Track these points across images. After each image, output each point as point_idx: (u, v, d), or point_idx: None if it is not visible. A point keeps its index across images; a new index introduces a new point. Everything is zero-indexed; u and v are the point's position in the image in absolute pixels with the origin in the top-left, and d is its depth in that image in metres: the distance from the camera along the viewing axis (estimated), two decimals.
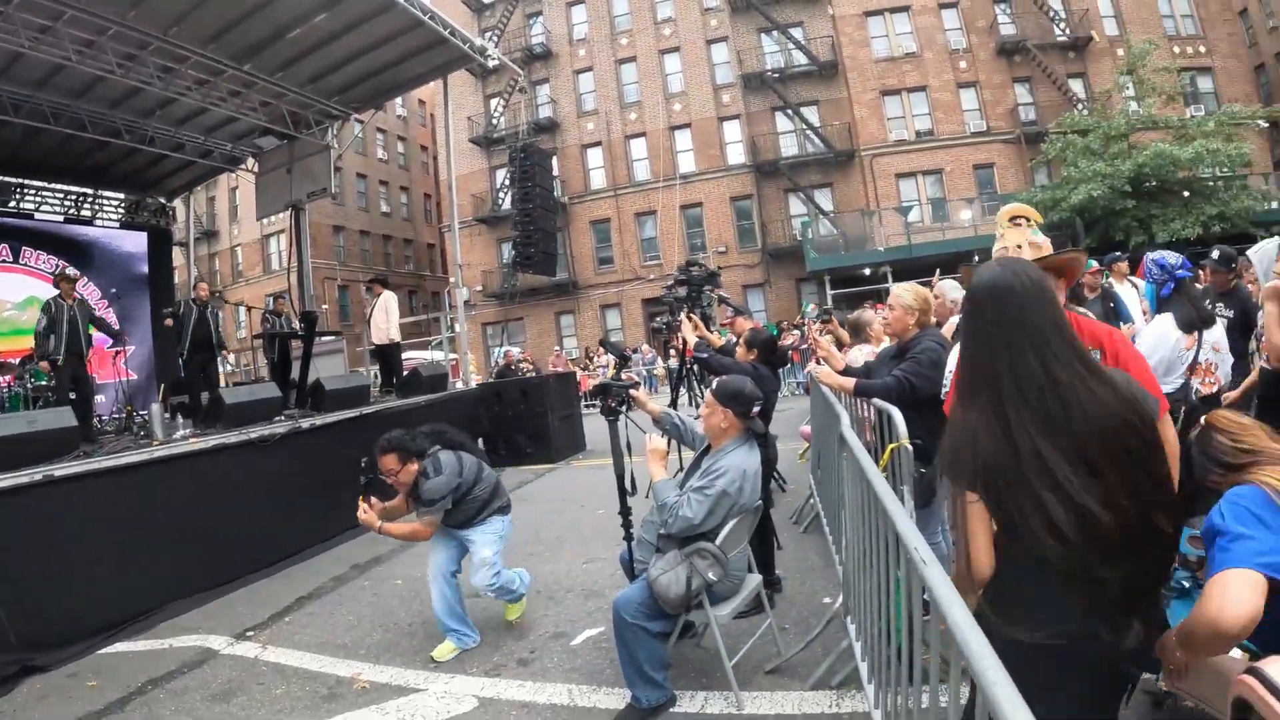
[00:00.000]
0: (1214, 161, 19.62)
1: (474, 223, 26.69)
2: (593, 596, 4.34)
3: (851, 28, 23.83)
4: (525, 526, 6.02)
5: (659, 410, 3.66)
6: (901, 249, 21.16)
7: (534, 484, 8.26)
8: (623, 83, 25.78)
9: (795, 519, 5.47)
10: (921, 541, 1.59)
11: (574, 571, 4.88)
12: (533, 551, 5.39)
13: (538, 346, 25.57)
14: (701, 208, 24.55)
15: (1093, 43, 23.38)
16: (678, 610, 2.85)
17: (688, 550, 2.87)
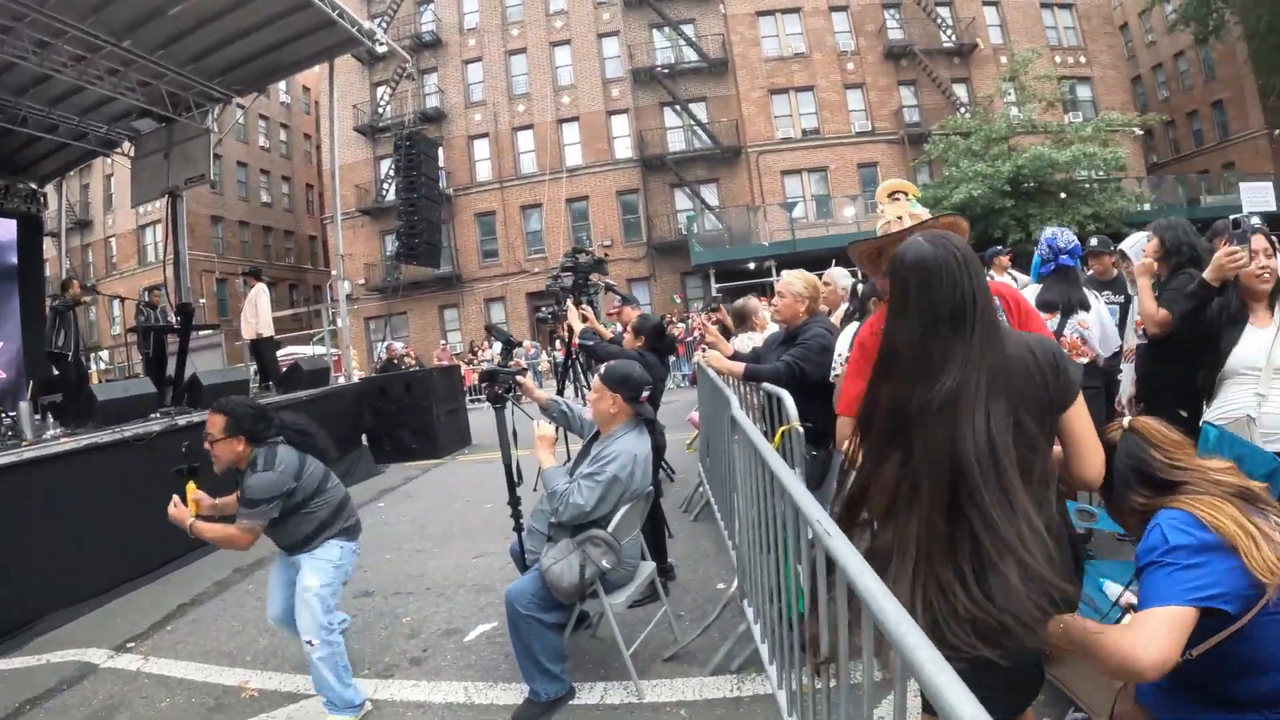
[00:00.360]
0: (1090, 165, 20.06)
1: (357, 214, 25.42)
2: (484, 591, 4.25)
3: (743, 26, 23.63)
4: (411, 523, 6.09)
5: (546, 397, 3.55)
6: (785, 244, 20.87)
7: (419, 480, 8.10)
8: (512, 74, 25.00)
9: (685, 507, 5.46)
10: (823, 514, 1.55)
11: (464, 566, 4.78)
12: (420, 548, 5.31)
13: (421, 341, 24.36)
14: (588, 201, 23.87)
15: (977, 50, 23.69)
16: (572, 599, 2.79)
17: (580, 538, 2.82)
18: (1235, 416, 2.63)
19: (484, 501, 6.28)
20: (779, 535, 2.11)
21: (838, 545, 1.37)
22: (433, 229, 12.26)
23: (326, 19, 8.85)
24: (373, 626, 3.89)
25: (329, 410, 8.13)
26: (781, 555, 2.12)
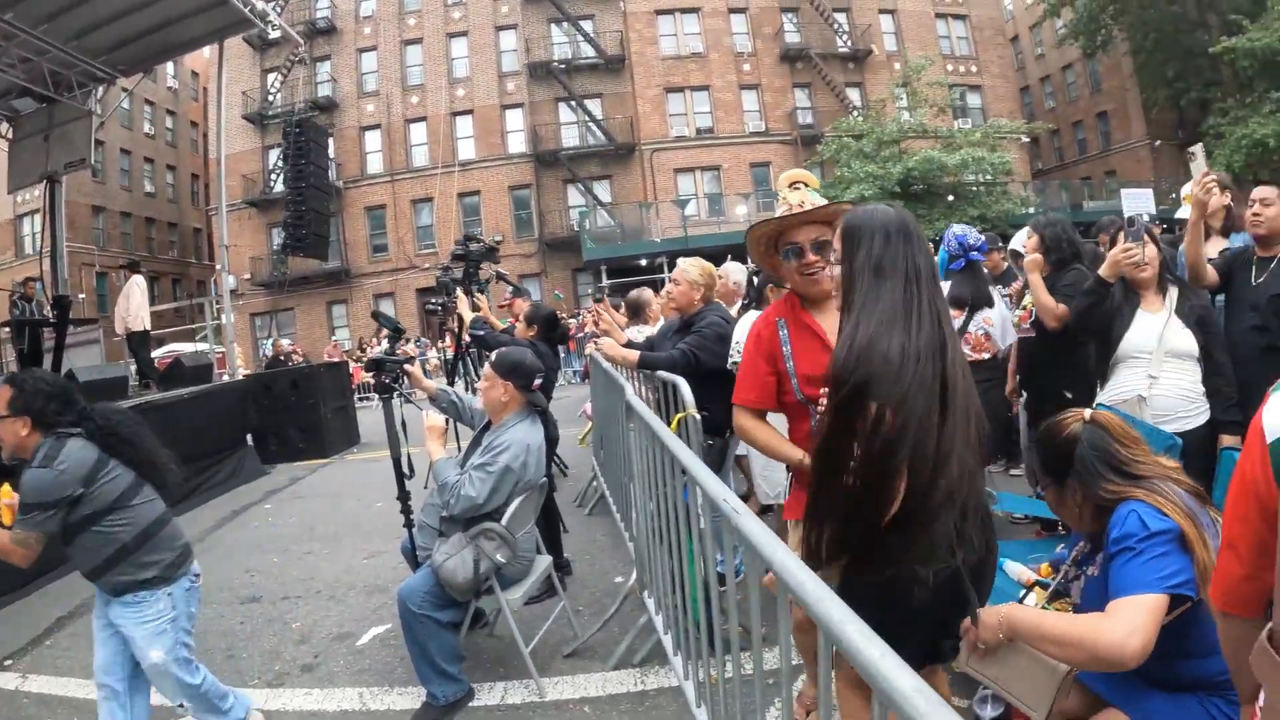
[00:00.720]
0: (978, 168, 20.52)
1: (244, 205, 24.32)
2: (376, 592, 4.14)
3: (642, 24, 23.45)
4: (299, 524, 5.93)
5: (434, 387, 3.42)
6: (678, 240, 20.66)
7: (307, 479, 7.91)
8: (407, 64, 24.31)
9: (579, 502, 5.42)
10: (729, 493, 1.50)
11: (355, 567, 4.65)
12: (309, 550, 5.16)
13: (308, 338, 23.41)
14: (479, 196, 23.33)
15: (872, 55, 24.03)
16: (467, 596, 2.71)
17: (473, 532, 2.73)
18: (1127, 398, 2.73)
19: (374, 500, 6.13)
20: (678, 523, 2.08)
21: (748, 524, 1.32)
22: (321, 220, 11.92)
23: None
24: (261, 633, 3.74)
25: (212, 408, 7.87)
26: (685, 543, 2.09)
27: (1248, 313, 2.97)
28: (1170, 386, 2.68)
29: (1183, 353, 2.69)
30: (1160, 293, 2.78)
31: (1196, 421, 2.65)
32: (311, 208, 11.40)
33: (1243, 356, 2.90)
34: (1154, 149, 26.88)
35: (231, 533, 5.98)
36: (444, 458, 2.88)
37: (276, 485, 7.73)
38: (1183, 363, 2.69)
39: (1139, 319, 2.77)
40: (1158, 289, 2.78)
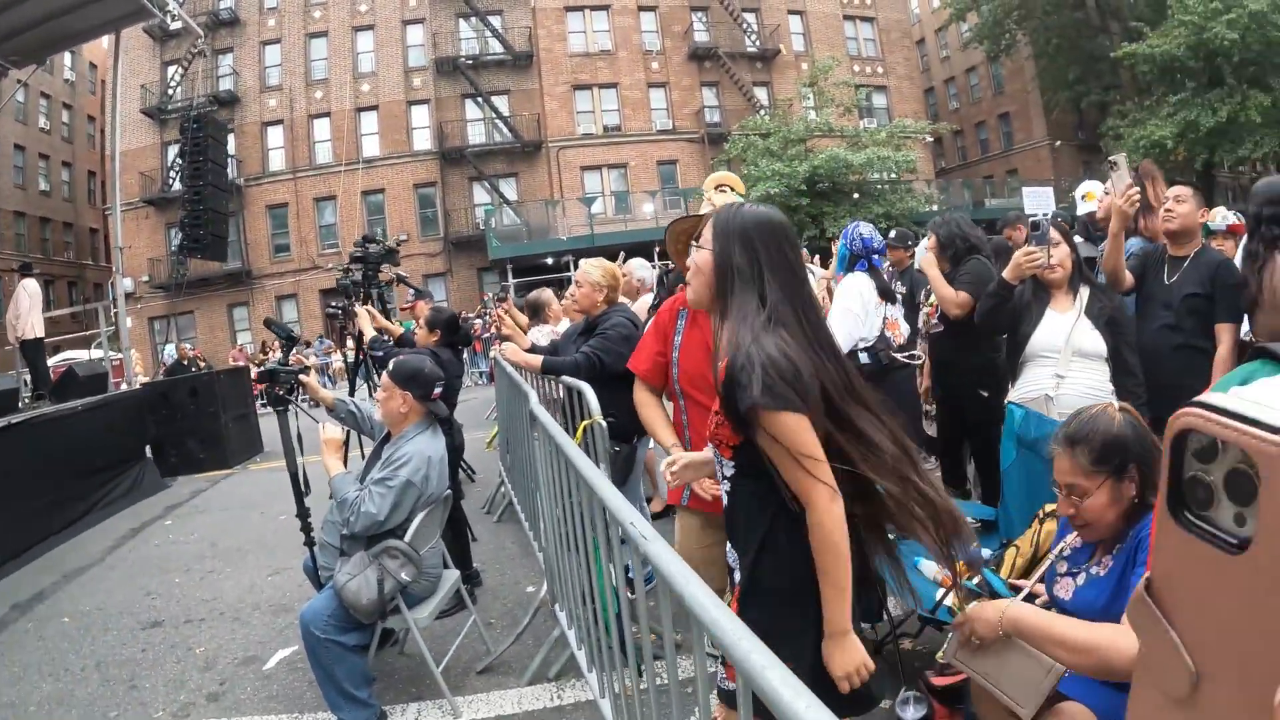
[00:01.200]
0: (883, 167, 20.89)
1: (142, 204, 23.40)
2: (282, 612, 4.00)
3: (551, 21, 23.32)
4: (201, 540, 5.76)
5: (332, 398, 3.30)
6: (584, 238, 20.64)
7: (209, 492, 7.64)
8: (311, 58, 23.70)
9: (487, 508, 5.33)
10: (636, 515, 1.42)
11: (259, 586, 4.52)
12: (212, 568, 4.99)
13: (210, 342, 22.66)
14: (384, 194, 22.90)
15: (780, 55, 24.34)
16: (372, 618, 2.59)
17: (375, 550, 2.63)
18: (1034, 396, 2.75)
19: (278, 512, 5.85)
20: (587, 534, 2.03)
21: (657, 550, 1.25)
22: (219, 220, 11.51)
23: None
24: (164, 660, 3.59)
25: (108, 420, 7.49)
26: (592, 555, 2.06)
27: (1160, 312, 3.01)
28: (1077, 385, 2.69)
29: (1091, 353, 2.70)
30: (1071, 292, 2.78)
31: None
32: (210, 207, 11.07)
33: (1157, 355, 2.94)
34: (1054, 149, 27.89)
35: (132, 551, 5.78)
36: (342, 473, 2.78)
37: (177, 499, 7.49)
38: (1091, 363, 2.71)
39: (1048, 318, 2.78)
40: (1069, 288, 2.78)
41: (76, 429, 7.01)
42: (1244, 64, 21.62)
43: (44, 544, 6.02)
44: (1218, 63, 21.98)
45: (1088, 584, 1.64)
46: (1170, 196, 3.03)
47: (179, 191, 18.03)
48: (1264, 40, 20.81)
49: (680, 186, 22.71)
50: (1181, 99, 22.66)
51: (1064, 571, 1.74)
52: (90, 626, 4.22)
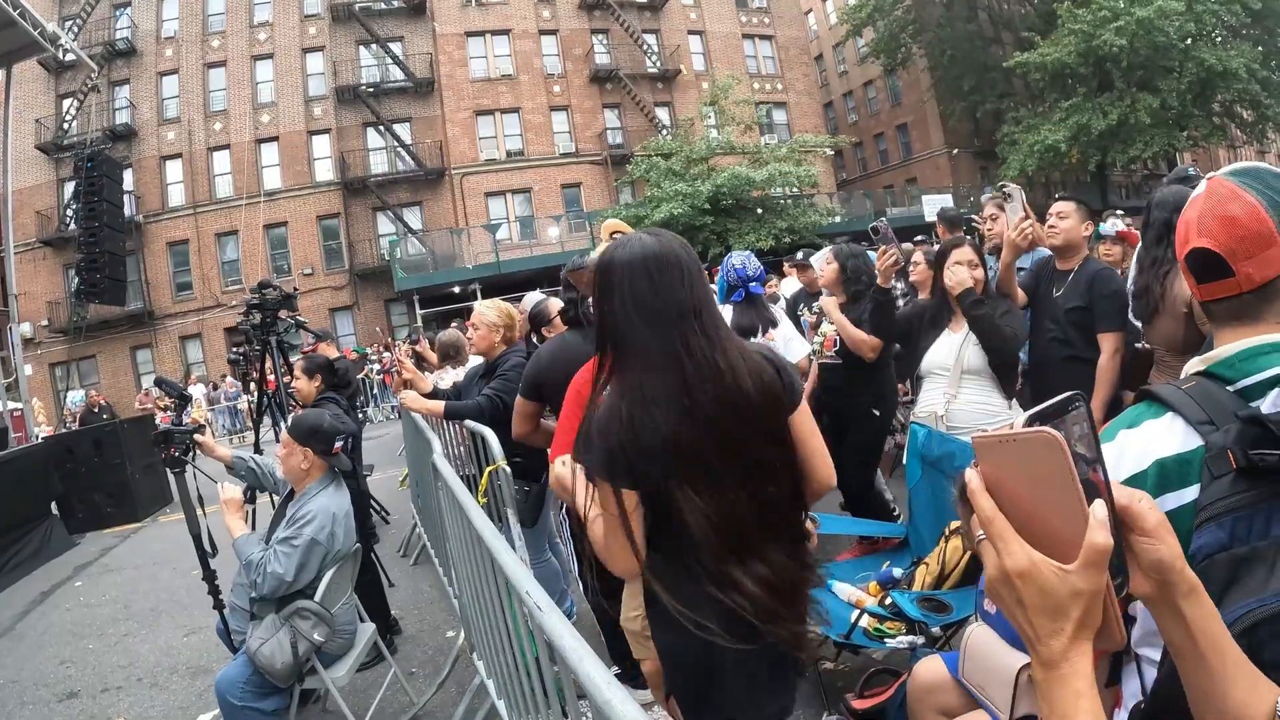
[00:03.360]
0: (785, 182, 21.50)
1: (38, 245, 22.65)
2: (201, 674, 3.91)
3: (452, 46, 23.41)
4: (114, 601, 5.63)
5: (230, 455, 3.31)
6: (490, 266, 20.84)
7: (119, 548, 7.43)
8: (210, 89, 23.31)
9: (403, 551, 5.25)
10: (534, 585, 1.39)
11: (175, 647, 4.43)
12: (126, 631, 4.87)
13: (114, 387, 22.07)
14: (287, 227, 22.65)
15: (680, 75, 24.87)
16: (288, 681, 2.53)
17: (286, 612, 2.58)
18: (926, 414, 2.85)
19: (190, 567, 5.61)
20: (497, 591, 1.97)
21: (552, 623, 1.22)
22: (116, 263, 11.14)
23: (5, 18, 8.01)
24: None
25: (10, 477, 7.27)
26: (505, 600, 1.97)
27: (1049, 325, 3.09)
28: (968, 402, 2.78)
29: (980, 370, 2.77)
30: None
31: None
32: (106, 250, 10.74)
33: (1046, 367, 3.10)
34: (952, 157, 29.09)
35: (42, 617, 5.65)
36: (245, 534, 2.70)
37: (87, 557, 7.32)
38: (980, 379, 2.78)
39: (942, 337, 2.87)
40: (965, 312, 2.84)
41: None
42: (1132, 68, 22.87)
43: None
44: (1107, 68, 23.25)
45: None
46: (1053, 213, 3.08)
47: (76, 231, 17.68)
48: (1151, 45, 21.99)
49: (585, 209, 23.07)
50: (1073, 104, 23.89)
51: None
52: (5, 701, 4.17)
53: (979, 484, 0.63)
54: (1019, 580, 0.60)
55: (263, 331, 5.46)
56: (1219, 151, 38.13)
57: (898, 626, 2.34)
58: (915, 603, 2.41)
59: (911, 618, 2.36)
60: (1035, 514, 0.61)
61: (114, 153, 22.41)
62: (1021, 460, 0.61)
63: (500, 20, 23.78)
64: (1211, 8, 22.30)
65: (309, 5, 23.66)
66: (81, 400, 18.97)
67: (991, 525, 0.62)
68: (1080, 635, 0.60)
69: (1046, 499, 0.60)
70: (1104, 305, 2.91)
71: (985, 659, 1.53)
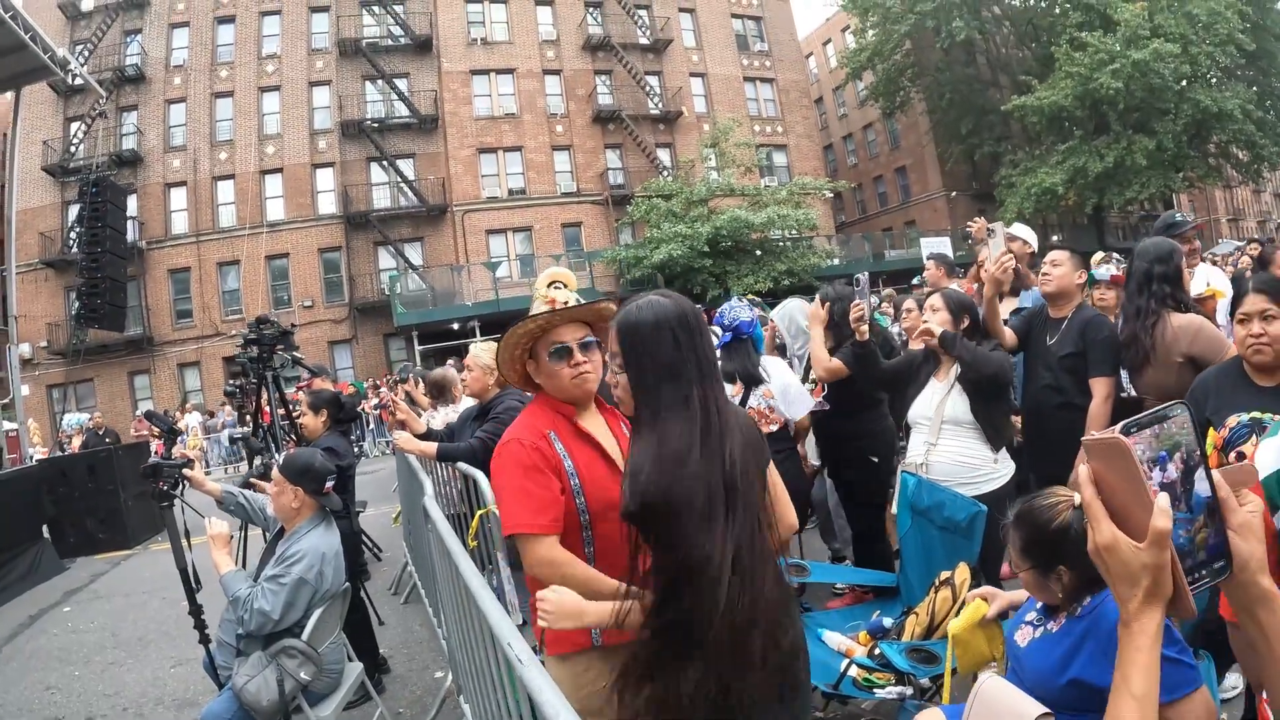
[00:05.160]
0: (784, 225, 21.65)
1: (41, 266, 22.78)
2: (187, 707, 3.88)
3: (457, 84, 23.72)
4: (102, 628, 5.60)
5: (220, 490, 3.32)
6: (489, 304, 20.99)
7: (109, 575, 7.45)
8: (216, 118, 23.57)
9: (394, 589, 5.23)
10: (516, 637, 1.35)
11: (162, 678, 4.41)
12: (113, 660, 4.86)
13: (111, 411, 22.06)
14: (289, 259, 22.83)
15: (682, 117, 25.19)
16: (274, 719, 2.54)
17: (273, 650, 2.60)
18: (911, 463, 2.83)
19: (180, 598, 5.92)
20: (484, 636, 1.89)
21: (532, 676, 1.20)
22: (117, 289, 11.32)
23: (17, 42, 8.09)
24: None
25: (3, 499, 7.40)
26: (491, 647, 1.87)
27: (1043, 372, 3.09)
28: (947, 453, 2.74)
29: (961, 420, 2.74)
30: (952, 360, 2.82)
31: (988, 486, 2.71)
32: (107, 275, 10.90)
33: (1041, 414, 3.10)
34: (950, 199, 29.44)
35: (29, 641, 5.64)
36: (232, 570, 2.71)
37: (76, 583, 7.31)
38: (961, 429, 2.74)
39: (928, 386, 2.86)
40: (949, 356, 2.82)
41: None
42: (1128, 110, 23.12)
43: None
44: (1104, 111, 23.50)
45: (1042, 638, 1.61)
46: (1046, 261, 3.11)
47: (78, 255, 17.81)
48: (1147, 87, 22.24)
49: (585, 248, 23.32)
50: (1070, 147, 24.15)
51: (1029, 619, 1.69)
52: None
53: (1086, 476, 0.76)
54: (1105, 553, 0.74)
55: (259, 366, 5.57)
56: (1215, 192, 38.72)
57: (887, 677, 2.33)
58: (904, 653, 2.38)
59: (900, 669, 2.35)
60: (1124, 501, 0.74)
61: (119, 178, 22.72)
62: (1109, 458, 0.74)
63: (505, 59, 24.13)
64: (1206, 50, 22.55)
65: (317, 40, 24.02)
66: (79, 423, 19.05)
67: (1089, 509, 0.76)
68: (1150, 601, 0.73)
69: (1127, 489, 0.74)
70: (1096, 351, 2.93)
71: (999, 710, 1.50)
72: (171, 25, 24.26)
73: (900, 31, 26.13)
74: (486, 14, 24.67)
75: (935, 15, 25.48)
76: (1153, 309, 2.75)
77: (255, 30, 24.03)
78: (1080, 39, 23.01)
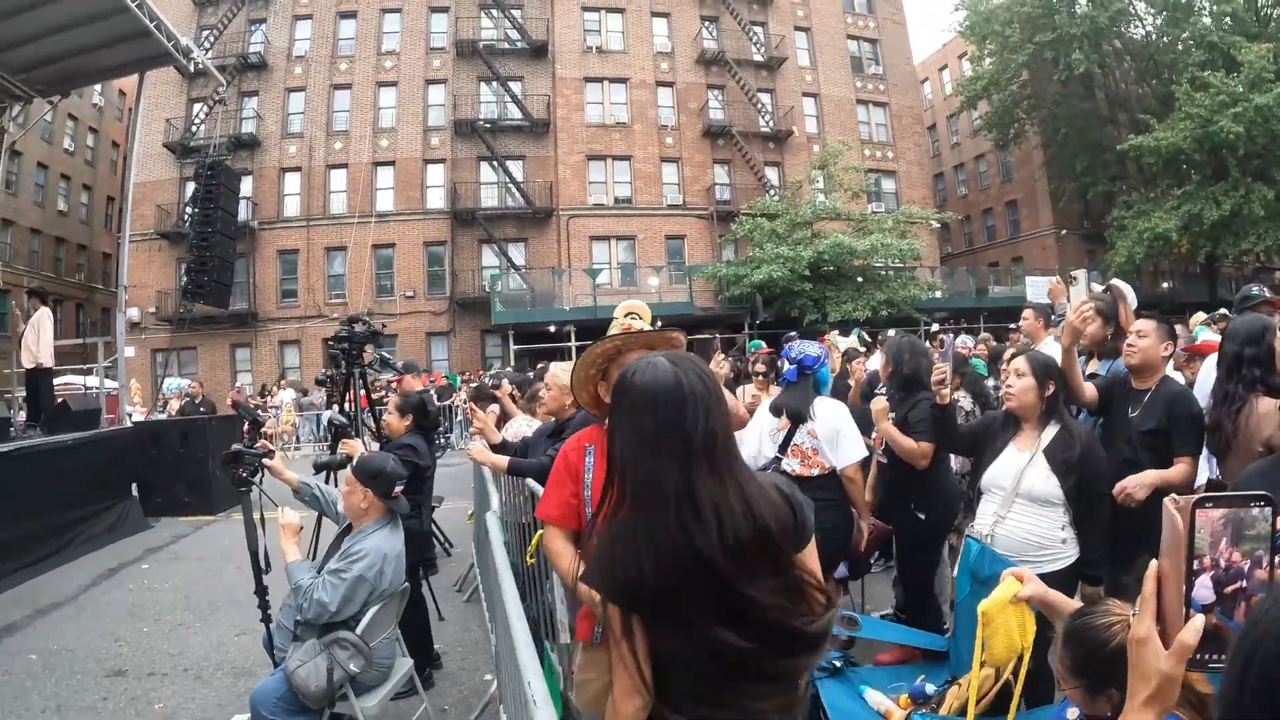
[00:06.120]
0: (887, 254, 20.99)
1: (156, 236, 23.71)
2: (243, 676, 4.02)
3: (570, 90, 23.80)
4: (175, 589, 5.78)
5: (297, 480, 3.42)
6: (587, 310, 20.87)
7: (189, 538, 7.70)
8: (334, 109, 24.18)
9: (459, 586, 5.26)
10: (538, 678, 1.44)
11: (225, 644, 4.54)
12: (181, 621, 5.04)
13: (211, 380, 22.72)
14: (394, 249, 23.20)
15: (792, 137, 24.76)
16: (320, 705, 2.64)
17: (327, 640, 2.70)
18: (978, 532, 2.69)
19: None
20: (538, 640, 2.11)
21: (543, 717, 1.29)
22: (224, 267, 11.68)
23: (141, 29, 8.38)
24: (123, 713, 3.65)
25: (97, 456, 7.72)
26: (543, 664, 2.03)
27: (1122, 446, 2.94)
28: (1017, 527, 2.60)
29: (1039, 497, 2.58)
30: (1038, 428, 2.67)
31: (1051, 566, 2.54)
32: (216, 255, 11.20)
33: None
34: (1060, 238, 28.25)
35: (105, 594, 5.85)
36: (297, 560, 2.84)
37: (158, 542, 7.55)
38: (1037, 507, 2.59)
39: (1006, 453, 2.70)
40: (1037, 423, 2.68)
41: (64, 463, 7.20)
42: (1248, 157, 21.93)
43: (22, 574, 6.17)
44: (1222, 155, 22.32)
45: None
46: (1133, 331, 2.96)
47: (190, 233, 18.45)
48: (1269, 134, 21.08)
49: (686, 262, 23.04)
50: (1186, 192, 22.98)
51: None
52: (56, 667, 4.30)
53: (1152, 572, 0.79)
54: (1136, 645, 0.80)
55: (348, 362, 5.73)
56: None
57: None
58: None
59: None
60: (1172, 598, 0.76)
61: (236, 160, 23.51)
62: (1175, 529, 0.74)
63: (619, 69, 24.11)
64: None
65: (435, 39, 24.44)
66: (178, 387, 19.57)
67: (1143, 602, 0.79)
68: (1148, 704, 0.78)
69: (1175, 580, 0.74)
70: (1183, 429, 2.79)
71: None
72: (295, 17, 25.03)
73: (1018, 61, 25.23)
74: (603, 23, 24.73)
75: (1054, 46, 24.52)
76: (1240, 394, 2.58)
77: (376, 26, 24.58)
78: (1202, 79, 21.85)
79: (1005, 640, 1.75)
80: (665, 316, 21.01)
